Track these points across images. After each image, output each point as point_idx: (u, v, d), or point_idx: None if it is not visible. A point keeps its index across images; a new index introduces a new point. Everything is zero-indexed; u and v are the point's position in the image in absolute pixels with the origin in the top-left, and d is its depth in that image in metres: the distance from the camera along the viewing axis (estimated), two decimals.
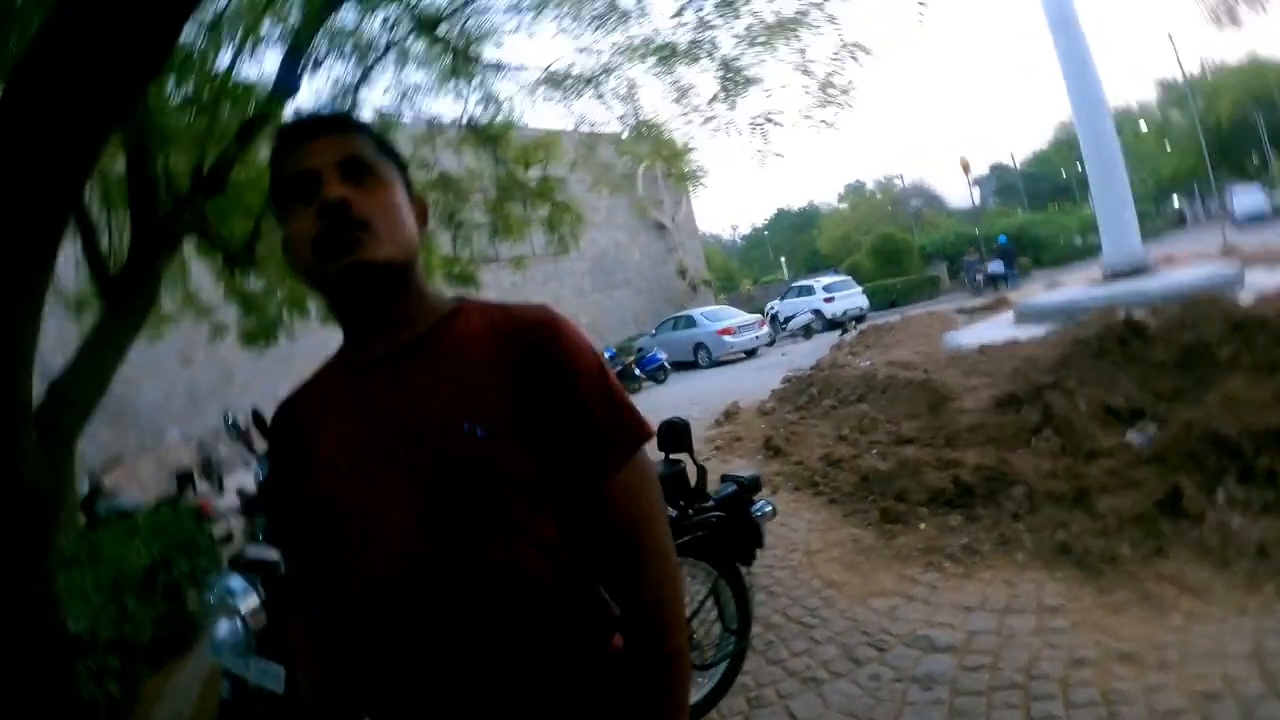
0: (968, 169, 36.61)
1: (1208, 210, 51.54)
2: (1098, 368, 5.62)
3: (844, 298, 25.83)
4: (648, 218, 28.77)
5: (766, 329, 22.94)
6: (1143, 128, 56.40)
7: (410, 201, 1.15)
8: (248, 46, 6.09)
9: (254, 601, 2.20)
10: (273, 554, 2.31)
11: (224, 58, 5.98)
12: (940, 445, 5.72)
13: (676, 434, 3.22)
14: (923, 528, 4.62)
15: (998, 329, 12.17)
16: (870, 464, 5.84)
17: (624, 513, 1.10)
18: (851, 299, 26.03)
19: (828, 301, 25.51)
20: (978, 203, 49.68)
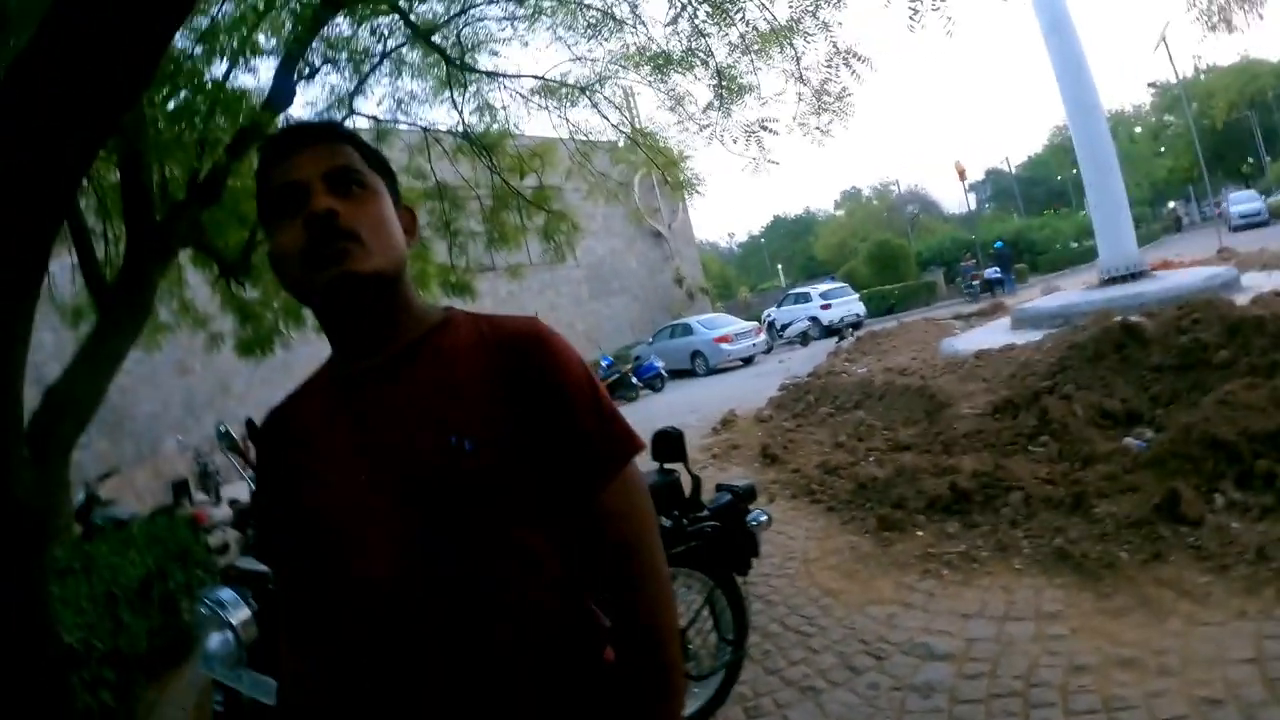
0: (963, 175, 36.79)
1: (1203, 214, 51.73)
2: (1094, 372, 5.62)
3: (841, 304, 25.85)
4: (644, 226, 28.75)
5: (764, 337, 23.00)
6: (1138, 131, 56.63)
7: (399, 212, 1.14)
8: (243, 55, 6.10)
9: (245, 614, 2.18)
10: (264, 566, 2.29)
11: (219, 67, 6.00)
12: (937, 452, 5.72)
13: (670, 443, 3.21)
14: (920, 535, 4.61)
15: (994, 335, 12.19)
16: (867, 471, 5.83)
17: (615, 525, 1.09)
18: (848, 306, 26.06)
19: (825, 308, 25.53)
20: (974, 208, 49.94)
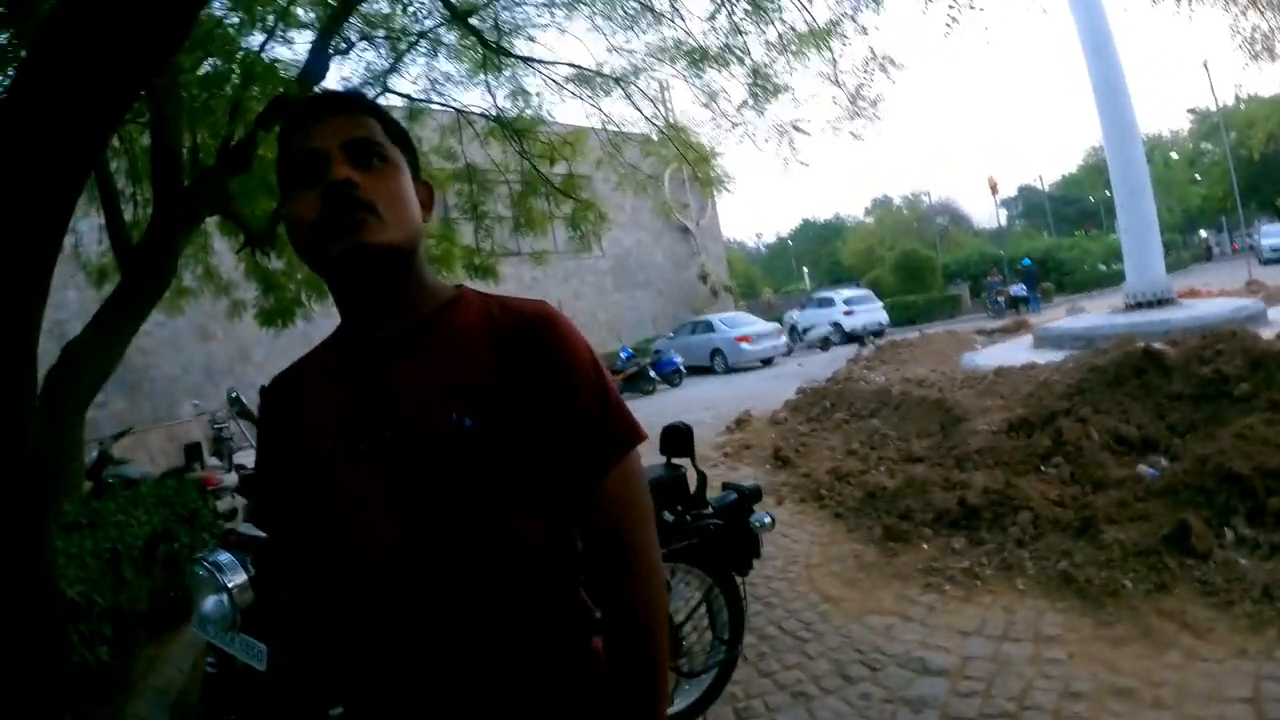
0: (995, 189, 36.56)
1: (1235, 244, 51.00)
2: (1113, 396, 5.56)
3: (864, 311, 25.70)
4: (672, 220, 28.57)
5: (784, 339, 22.92)
6: (1173, 157, 55.90)
7: (417, 187, 1.14)
8: (280, 27, 6.13)
9: (242, 578, 2.20)
10: (263, 532, 2.31)
11: (256, 37, 6.04)
12: (949, 465, 5.68)
13: (679, 438, 3.21)
14: (925, 548, 4.58)
15: (1016, 352, 12.09)
16: (878, 480, 5.81)
17: (612, 514, 1.09)
18: (872, 313, 25.91)
19: (848, 314, 25.39)
20: (1004, 224, 49.59)
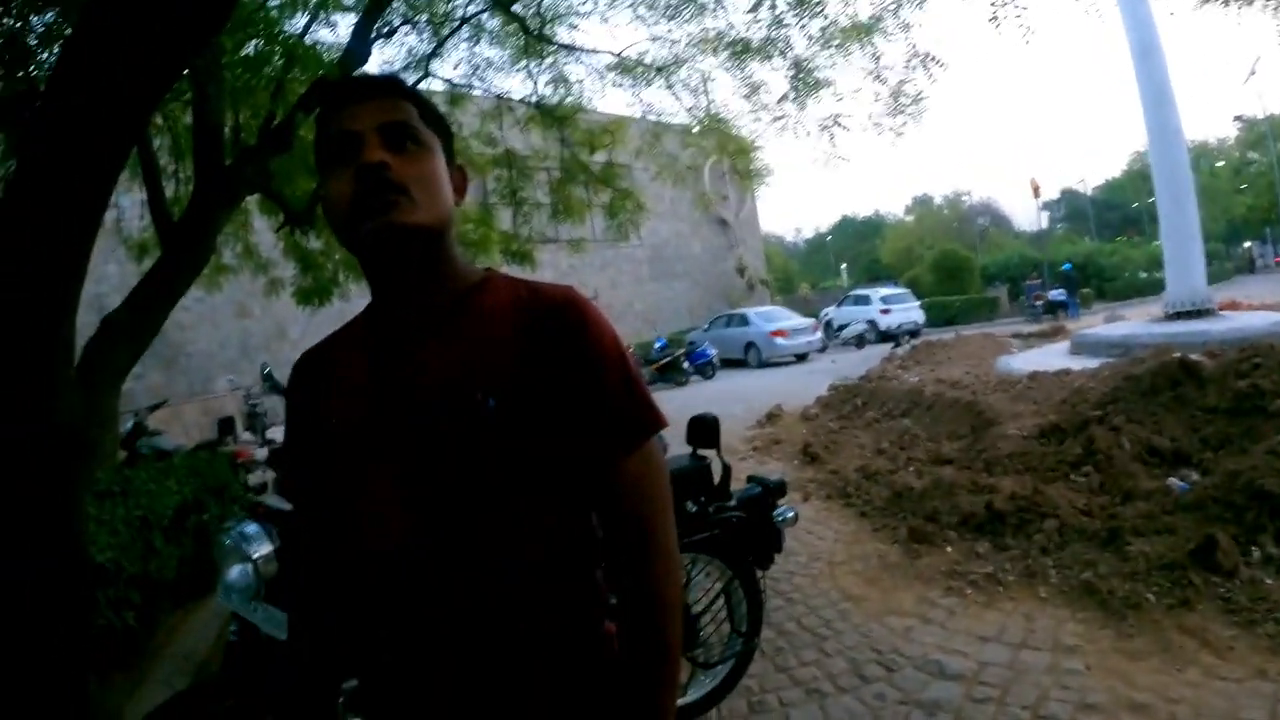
0: (1038, 191, 35.86)
1: (1278, 256, 49.77)
2: (1147, 407, 5.46)
3: (900, 311, 25.48)
4: (710, 212, 28.38)
5: (819, 335, 22.79)
6: (1219, 165, 54.68)
7: (450, 171, 1.15)
8: (323, 10, 6.20)
9: (267, 549, 2.24)
10: (289, 505, 2.35)
11: (299, 20, 6.11)
12: (978, 469, 5.62)
13: (706, 429, 3.20)
14: (949, 551, 4.54)
15: (1051, 357, 11.91)
16: (905, 480, 5.78)
17: (631, 498, 1.10)
18: (908, 313, 25.66)
19: (884, 313, 25.22)
20: (1045, 227, 48.67)
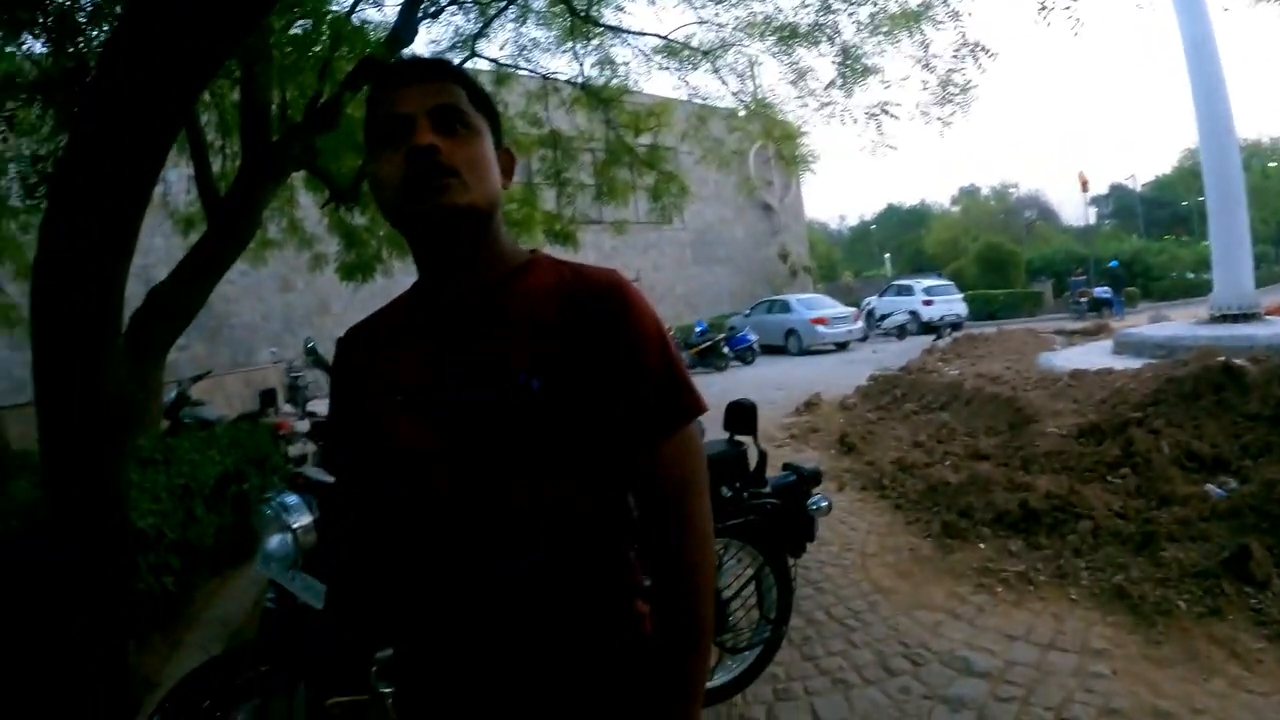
0: (1086, 186, 35.17)
1: None
2: (1188, 410, 5.34)
3: (943, 302, 25.00)
4: (755, 197, 27.99)
5: (861, 324, 22.57)
6: (1272, 166, 53.07)
7: (498, 153, 1.17)
8: None
9: (306, 520, 2.28)
10: (330, 477, 2.39)
11: (346, 0, 6.16)
12: (1015, 466, 5.56)
13: (743, 414, 3.20)
14: (982, 547, 4.51)
15: (1094, 355, 11.71)
16: (941, 475, 5.73)
17: (669, 480, 1.10)
18: (951, 305, 25.18)
19: (926, 304, 24.81)
20: (1093, 222, 47.71)
